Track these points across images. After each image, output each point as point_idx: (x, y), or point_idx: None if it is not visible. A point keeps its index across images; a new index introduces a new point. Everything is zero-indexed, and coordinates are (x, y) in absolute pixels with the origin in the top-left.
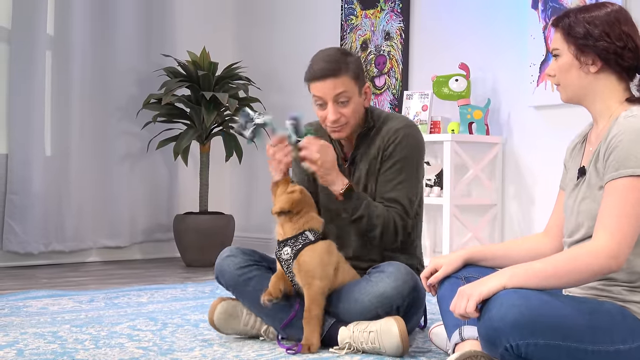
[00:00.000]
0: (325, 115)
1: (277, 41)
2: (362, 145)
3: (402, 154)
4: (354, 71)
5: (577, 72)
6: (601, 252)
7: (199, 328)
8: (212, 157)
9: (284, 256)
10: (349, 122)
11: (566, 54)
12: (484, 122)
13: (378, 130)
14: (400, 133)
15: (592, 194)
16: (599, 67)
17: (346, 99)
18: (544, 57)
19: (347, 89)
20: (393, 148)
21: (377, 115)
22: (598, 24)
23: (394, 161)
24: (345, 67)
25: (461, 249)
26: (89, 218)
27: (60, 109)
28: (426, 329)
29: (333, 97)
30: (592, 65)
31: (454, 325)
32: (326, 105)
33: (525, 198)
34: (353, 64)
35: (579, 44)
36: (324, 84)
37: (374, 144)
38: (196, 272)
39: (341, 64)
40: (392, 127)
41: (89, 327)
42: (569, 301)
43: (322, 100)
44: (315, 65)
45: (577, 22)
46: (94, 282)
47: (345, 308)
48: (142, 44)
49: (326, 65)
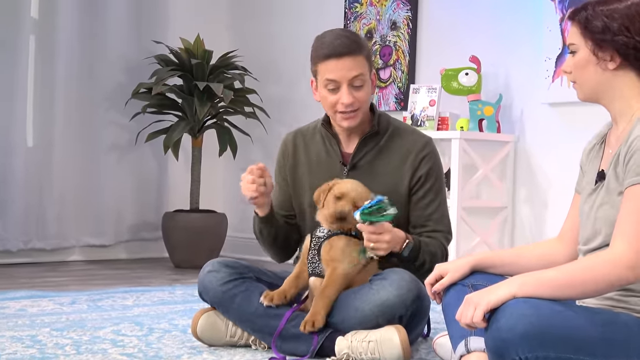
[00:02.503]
0: (336, 100)
1: (275, 29)
2: (366, 149)
3: (436, 173)
4: (368, 53)
5: (595, 69)
6: (619, 262)
7: (188, 334)
8: (205, 152)
9: (319, 233)
10: (361, 108)
11: (583, 49)
12: (495, 119)
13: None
14: (427, 150)
15: (611, 199)
16: (617, 63)
17: (361, 83)
18: (560, 51)
19: (363, 72)
20: (427, 169)
21: (386, 120)
22: (617, 17)
23: (432, 183)
24: (363, 46)
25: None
26: (72, 214)
27: (44, 97)
28: (430, 338)
29: (350, 79)
30: (611, 61)
31: (459, 336)
32: (338, 88)
33: (538, 201)
34: (366, 45)
35: (597, 39)
36: (341, 63)
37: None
38: (185, 274)
39: (358, 42)
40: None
41: (70, 331)
42: (582, 312)
43: (336, 83)
44: (332, 41)
45: (595, 16)
46: (76, 283)
47: (344, 317)
48: (132, 29)
49: (345, 41)
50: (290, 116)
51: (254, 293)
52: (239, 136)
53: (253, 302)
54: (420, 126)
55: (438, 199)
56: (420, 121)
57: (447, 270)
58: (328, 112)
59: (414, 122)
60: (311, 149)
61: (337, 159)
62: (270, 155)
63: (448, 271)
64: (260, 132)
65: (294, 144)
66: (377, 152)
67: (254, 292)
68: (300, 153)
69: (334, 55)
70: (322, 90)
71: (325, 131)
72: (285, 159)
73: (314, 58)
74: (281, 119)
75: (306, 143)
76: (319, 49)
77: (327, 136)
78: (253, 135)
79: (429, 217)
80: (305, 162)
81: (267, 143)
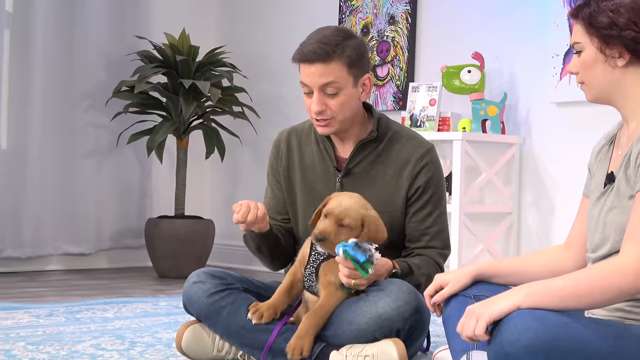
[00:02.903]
0: (309, 105)
1: (266, 23)
2: (362, 156)
3: (436, 184)
4: (349, 57)
5: (603, 67)
6: (629, 270)
7: (172, 348)
8: (191, 154)
9: (319, 249)
10: (335, 117)
11: (589, 48)
12: (499, 120)
13: (388, 146)
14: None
15: (621, 203)
16: (627, 59)
17: (335, 91)
18: (568, 47)
19: (337, 79)
20: (426, 180)
21: (385, 125)
22: (623, 12)
23: (430, 195)
24: (339, 52)
25: (471, 264)
26: (49, 221)
27: (19, 96)
28: (429, 353)
29: (319, 87)
30: (619, 58)
31: (461, 350)
32: (312, 93)
33: (545, 206)
34: (350, 49)
35: (603, 35)
36: (310, 68)
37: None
38: (170, 284)
39: (334, 47)
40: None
41: (47, 345)
42: (591, 324)
43: (309, 88)
44: (305, 47)
45: (600, 11)
46: (53, 294)
47: (338, 330)
48: (113, 23)
49: (316, 47)
50: (281, 116)
51: (242, 305)
52: (227, 137)
53: (241, 315)
54: (419, 127)
55: (436, 212)
56: (419, 121)
57: (448, 281)
58: None
59: (413, 122)
60: (305, 150)
61: (331, 164)
62: (260, 157)
63: (448, 281)
64: (250, 133)
65: (288, 144)
66: (373, 158)
67: (242, 305)
68: (294, 154)
69: (305, 60)
70: (303, 94)
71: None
72: (278, 160)
73: (292, 58)
74: (272, 119)
75: (300, 143)
76: (297, 50)
77: (321, 139)
78: (242, 136)
79: (425, 231)
80: (299, 164)
81: (257, 145)
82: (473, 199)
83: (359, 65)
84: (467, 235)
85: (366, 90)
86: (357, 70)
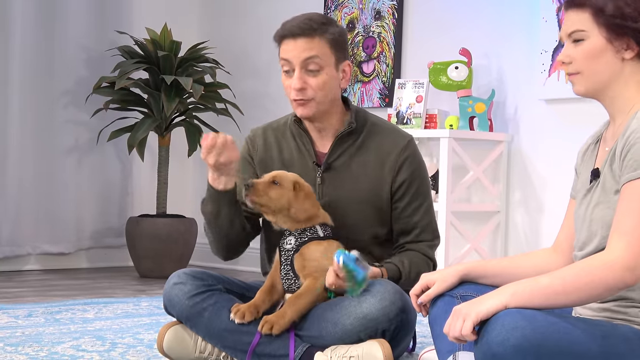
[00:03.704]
0: (289, 85)
1: (249, 19)
2: (341, 149)
3: (420, 176)
4: (332, 36)
5: (610, 59)
6: (616, 264)
7: (153, 349)
8: (173, 152)
9: (287, 246)
10: (315, 97)
11: (596, 37)
12: (487, 117)
13: (367, 138)
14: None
15: (607, 198)
16: (635, 52)
17: (317, 68)
18: (557, 44)
19: (320, 55)
20: (410, 173)
21: (363, 117)
22: (630, 2)
23: (417, 188)
24: (324, 29)
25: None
26: (28, 219)
27: None
28: (415, 354)
29: (301, 62)
30: (627, 50)
31: (447, 351)
32: (293, 70)
33: (533, 205)
34: (334, 30)
35: (614, 25)
36: (294, 43)
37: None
38: (151, 285)
39: (319, 25)
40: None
41: (26, 346)
42: (579, 324)
43: (289, 65)
44: (288, 24)
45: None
46: (32, 294)
47: (323, 331)
48: (93, 18)
49: (300, 23)
50: (265, 113)
51: (224, 307)
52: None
53: (223, 316)
54: (406, 124)
55: (425, 204)
56: (406, 119)
57: (434, 281)
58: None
59: (399, 119)
60: (283, 146)
61: (311, 159)
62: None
63: (435, 281)
64: (233, 130)
65: (265, 139)
66: (354, 151)
67: (224, 306)
68: (272, 149)
69: (289, 35)
70: (281, 74)
71: (296, 128)
72: (253, 154)
73: (274, 36)
74: (255, 116)
75: (278, 139)
76: (279, 29)
77: (298, 133)
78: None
79: (414, 225)
80: (278, 159)
81: (240, 142)
82: (460, 197)
83: (341, 48)
84: (454, 234)
85: (346, 77)
86: (338, 53)
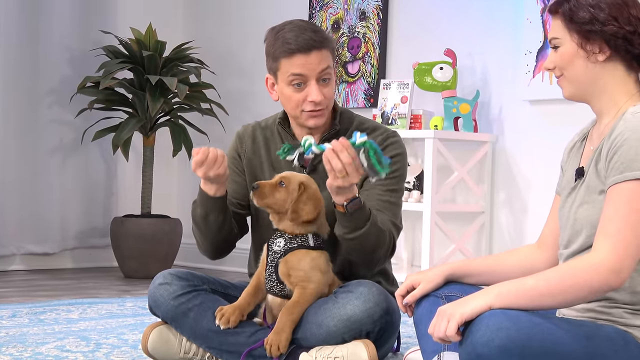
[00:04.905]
0: (302, 98)
1: (235, 18)
2: None
3: (401, 163)
4: (334, 46)
5: (583, 63)
6: (601, 266)
7: (138, 350)
8: (157, 152)
9: (275, 247)
10: (327, 106)
11: (568, 43)
12: (471, 118)
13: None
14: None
15: (592, 198)
16: (607, 54)
17: (329, 77)
18: (541, 44)
19: (330, 65)
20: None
21: (348, 117)
22: (604, 7)
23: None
24: (329, 39)
25: (443, 264)
26: (12, 219)
27: None
28: (400, 354)
29: (317, 74)
30: (600, 53)
31: (432, 352)
32: (305, 84)
33: (518, 205)
34: (332, 39)
35: (584, 30)
36: (308, 57)
37: None
38: (136, 285)
39: (326, 35)
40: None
41: (10, 347)
42: (563, 324)
43: (303, 78)
44: (299, 38)
45: (580, 6)
46: (16, 295)
47: (307, 333)
48: (78, 17)
49: (312, 35)
50: (250, 113)
51: (209, 308)
52: (194, 135)
53: (208, 317)
54: (391, 124)
55: (398, 190)
56: (391, 119)
57: (419, 281)
58: (292, 112)
59: (384, 120)
60: (272, 146)
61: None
62: None
63: (420, 282)
64: (218, 131)
65: (253, 138)
66: None
67: (210, 307)
68: (260, 149)
69: (303, 50)
70: (286, 88)
71: (283, 131)
72: (241, 153)
73: (273, 54)
74: (240, 116)
75: (266, 139)
76: (285, 44)
77: (285, 136)
78: (210, 133)
79: (383, 205)
80: (267, 159)
81: (225, 142)
82: (445, 197)
83: (335, 55)
84: (438, 235)
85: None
86: (335, 59)
